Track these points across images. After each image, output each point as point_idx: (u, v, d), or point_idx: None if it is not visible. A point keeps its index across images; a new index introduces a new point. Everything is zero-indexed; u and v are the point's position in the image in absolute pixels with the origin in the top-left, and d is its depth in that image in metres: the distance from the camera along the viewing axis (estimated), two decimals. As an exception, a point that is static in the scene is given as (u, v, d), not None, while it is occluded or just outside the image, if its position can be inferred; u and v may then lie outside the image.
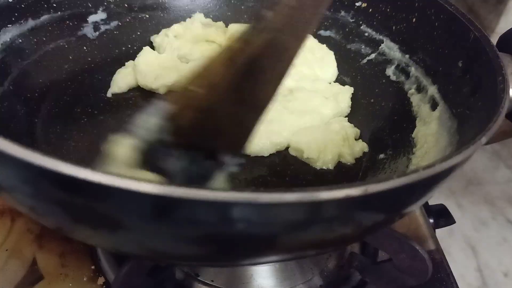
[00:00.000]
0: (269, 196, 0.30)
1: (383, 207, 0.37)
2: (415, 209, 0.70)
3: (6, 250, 0.59)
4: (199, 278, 0.57)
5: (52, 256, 0.59)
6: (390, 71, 0.71)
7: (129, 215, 0.32)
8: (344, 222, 0.36)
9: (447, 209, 0.76)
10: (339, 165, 0.64)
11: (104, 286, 0.57)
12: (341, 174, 0.62)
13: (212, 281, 0.57)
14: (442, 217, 0.74)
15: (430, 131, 0.59)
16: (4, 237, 0.60)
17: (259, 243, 0.36)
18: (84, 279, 0.57)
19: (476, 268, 1.18)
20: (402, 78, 0.69)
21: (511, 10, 1.15)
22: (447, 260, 0.66)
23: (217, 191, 0.29)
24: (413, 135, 0.62)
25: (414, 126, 0.63)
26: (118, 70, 0.71)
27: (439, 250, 0.67)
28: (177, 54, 0.74)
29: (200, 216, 0.31)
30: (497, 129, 0.41)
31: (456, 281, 0.63)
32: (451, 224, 0.74)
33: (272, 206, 0.30)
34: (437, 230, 0.72)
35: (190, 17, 0.79)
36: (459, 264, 1.18)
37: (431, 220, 0.72)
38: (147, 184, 0.29)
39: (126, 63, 0.73)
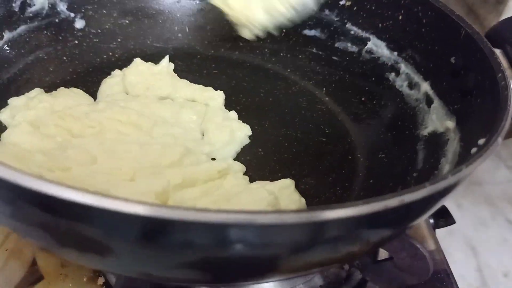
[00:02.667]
0: (265, 217, 0.28)
1: (388, 223, 0.36)
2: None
3: (6, 250, 0.58)
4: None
5: (52, 256, 0.58)
6: (379, 68, 0.70)
7: (117, 239, 0.30)
8: (346, 241, 0.35)
9: (447, 209, 0.75)
10: (339, 166, 0.63)
11: (104, 287, 0.56)
12: (341, 177, 0.61)
13: (213, 281, 0.56)
14: (442, 217, 0.73)
15: (428, 128, 0.59)
16: (4, 237, 0.59)
17: (258, 265, 0.34)
18: (84, 279, 0.56)
19: (476, 268, 1.18)
20: (392, 75, 0.68)
21: (511, 10, 1.16)
22: (447, 260, 0.65)
23: (211, 212, 0.27)
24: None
25: (410, 124, 0.62)
26: (104, 80, 0.69)
27: (439, 250, 0.66)
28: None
29: (194, 238, 0.29)
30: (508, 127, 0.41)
31: (456, 281, 0.62)
32: (451, 224, 0.74)
33: (268, 227, 0.29)
34: (437, 230, 0.72)
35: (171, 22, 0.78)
36: (459, 264, 1.18)
37: (431, 220, 0.72)
38: (136, 205, 0.27)
39: (112, 73, 0.70)
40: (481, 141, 0.41)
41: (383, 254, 0.62)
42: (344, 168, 0.62)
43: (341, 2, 0.73)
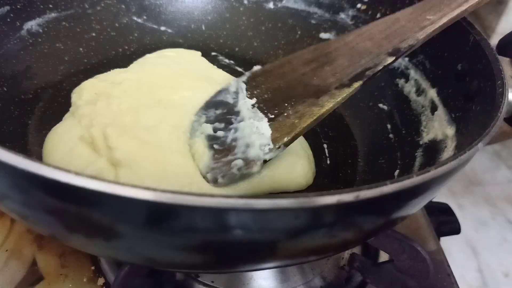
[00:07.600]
0: (263, 202, 0.29)
1: (380, 212, 0.37)
2: (416, 212, 0.69)
3: (6, 250, 0.59)
4: (199, 279, 0.57)
5: (52, 256, 0.59)
6: (389, 74, 0.70)
7: (124, 223, 0.31)
8: (339, 227, 0.36)
9: (451, 209, 0.75)
10: (337, 169, 0.63)
11: (104, 287, 0.57)
12: (336, 180, 0.62)
13: (212, 282, 0.57)
14: (445, 219, 0.73)
15: (429, 135, 0.59)
16: (4, 238, 0.60)
17: (257, 250, 0.35)
18: (84, 279, 0.57)
19: (477, 269, 1.18)
20: (402, 81, 0.68)
21: (511, 11, 1.15)
22: (448, 260, 0.66)
23: (212, 197, 0.29)
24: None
25: (413, 131, 0.62)
26: None
27: (440, 250, 0.67)
28: None
29: (196, 222, 0.30)
30: (494, 133, 0.41)
31: (457, 281, 0.63)
32: (457, 234, 0.73)
33: (267, 212, 0.30)
34: (437, 231, 0.72)
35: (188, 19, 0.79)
36: (460, 265, 1.18)
37: (434, 226, 0.72)
38: (141, 191, 0.28)
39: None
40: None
41: (383, 256, 0.63)
42: (342, 171, 0.63)
43: (357, 6, 0.74)
